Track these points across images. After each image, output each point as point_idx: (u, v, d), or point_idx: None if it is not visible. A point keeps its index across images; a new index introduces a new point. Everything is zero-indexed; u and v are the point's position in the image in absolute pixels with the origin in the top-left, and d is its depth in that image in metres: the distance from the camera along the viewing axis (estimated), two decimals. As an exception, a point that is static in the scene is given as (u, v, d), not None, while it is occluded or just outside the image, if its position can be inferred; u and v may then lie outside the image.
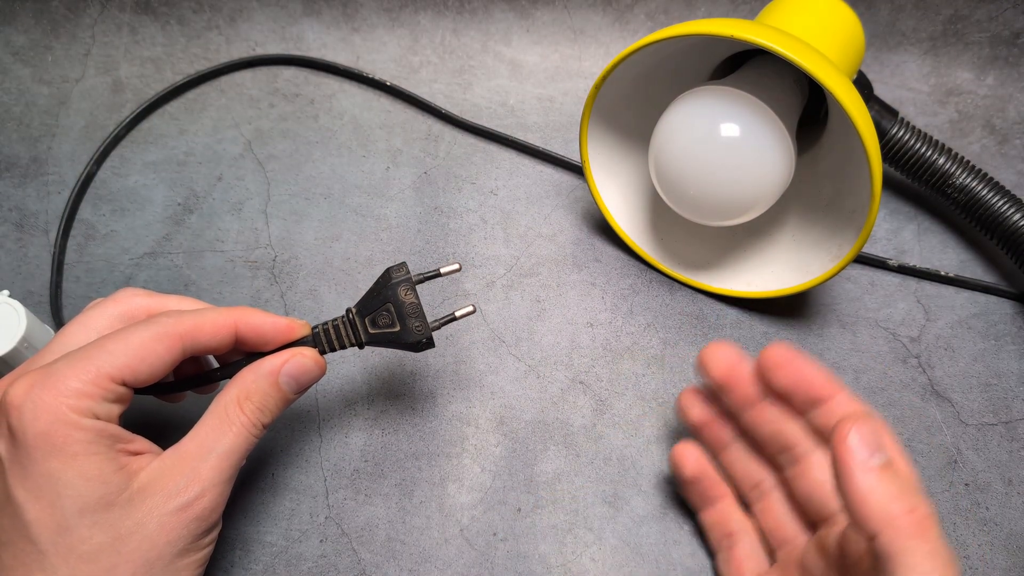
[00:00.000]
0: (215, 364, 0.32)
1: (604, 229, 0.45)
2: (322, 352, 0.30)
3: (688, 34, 0.33)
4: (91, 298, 0.31)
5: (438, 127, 0.49)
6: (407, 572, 0.33)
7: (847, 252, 0.36)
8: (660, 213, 0.44)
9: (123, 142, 0.47)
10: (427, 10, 0.52)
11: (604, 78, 0.37)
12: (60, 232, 0.42)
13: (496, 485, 0.36)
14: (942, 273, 0.43)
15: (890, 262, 0.44)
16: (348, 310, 0.31)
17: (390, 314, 0.30)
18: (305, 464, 0.36)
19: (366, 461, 0.36)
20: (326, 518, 0.34)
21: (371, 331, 0.31)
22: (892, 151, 0.43)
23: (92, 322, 0.28)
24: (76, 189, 0.44)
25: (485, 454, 0.36)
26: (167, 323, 0.27)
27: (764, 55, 0.40)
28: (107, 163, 0.46)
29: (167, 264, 0.42)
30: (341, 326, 0.31)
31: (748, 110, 0.34)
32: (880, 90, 0.50)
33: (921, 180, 0.43)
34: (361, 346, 0.31)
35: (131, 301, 0.29)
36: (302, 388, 0.29)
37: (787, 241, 0.41)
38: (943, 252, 0.45)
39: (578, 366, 0.39)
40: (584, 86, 0.51)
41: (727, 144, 0.34)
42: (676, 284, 0.43)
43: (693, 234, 0.43)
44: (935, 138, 0.42)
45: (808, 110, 0.42)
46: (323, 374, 0.30)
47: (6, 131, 0.47)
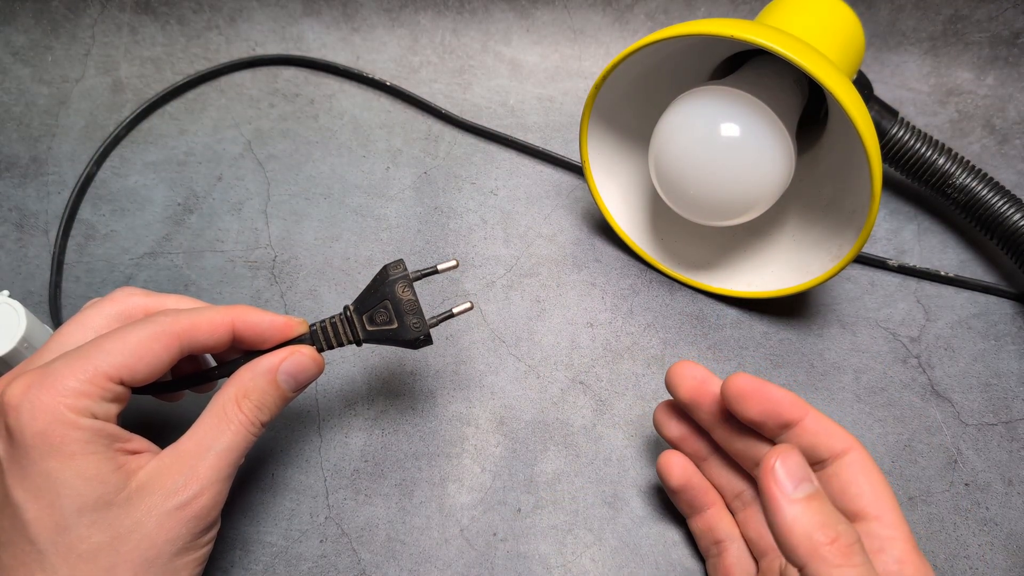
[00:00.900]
0: (213, 363, 0.32)
1: (604, 229, 0.44)
2: (320, 350, 0.30)
3: (688, 34, 0.33)
4: (90, 298, 0.31)
5: (438, 127, 0.49)
6: (407, 572, 0.33)
7: (847, 252, 0.36)
8: (660, 213, 0.43)
9: (123, 142, 0.47)
10: (427, 10, 0.52)
11: (604, 78, 0.37)
12: (60, 232, 0.42)
13: (496, 485, 0.35)
14: (942, 273, 0.43)
15: (890, 262, 0.44)
16: (346, 307, 0.31)
17: (388, 311, 0.30)
18: (305, 464, 0.36)
19: (366, 461, 0.36)
20: (326, 518, 0.34)
21: (369, 328, 0.31)
22: (892, 151, 0.43)
23: (89, 321, 0.28)
24: (76, 189, 0.44)
25: (485, 454, 0.36)
26: (164, 322, 0.27)
27: (764, 55, 0.39)
28: (107, 163, 0.46)
29: (167, 264, 0.42)
30: (339, 323, 0.31)
31: (748, 110, 0.34)
32: (880, 90, 0.50)
33: (921, 180, 0.43)
34: (359, 343, 0.31)
35: (128, 300, 0.29)
36: (300, 386, 0.29)
37: (787, 241, 0.41)
38: (943, 252, 0.45)
39: (578, 366, 0.39)
40: (584, 86, 0.51)
41: (727, 144, 0.34)
42: (676, 284, 0.43)
43: (693, 234, 0.43)
44: (935, 138, 0.42)
45: (808, 110, 0.42)
46: (321, 372, 0.30)
47: (6, 131, 0.47)
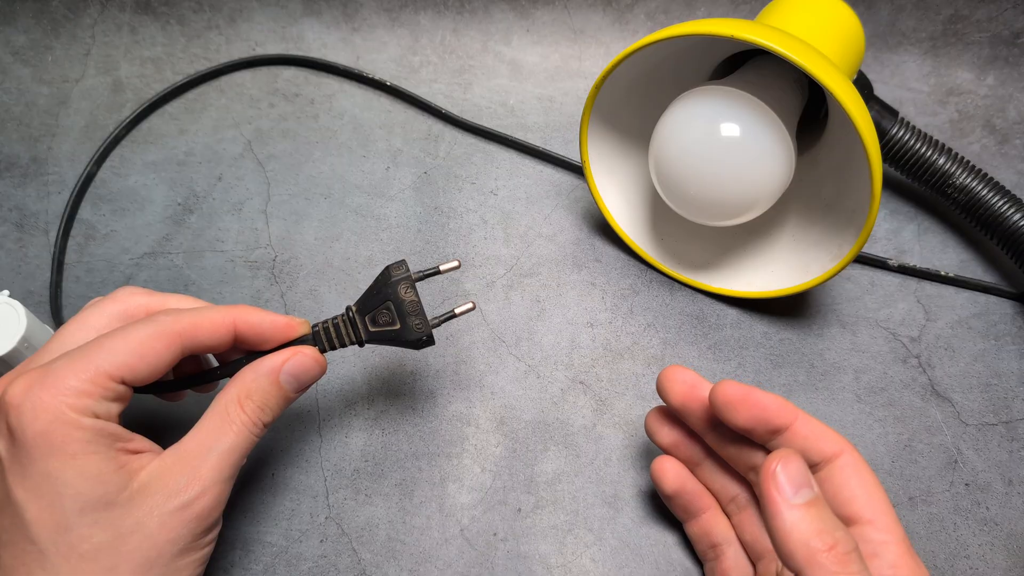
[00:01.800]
0: (215, 363, 0.32)
1: (604, 229, 0.44)
2: (322, 350, 0.30)
3: (688, 34, 0.33)
4: (91, 298, 0.31)
5: (438, 127, 0.49)
6: (407, 572, 0.33)
7: (847, 252, 0.36)
8: (660, 213, 0.44)
9: (123, 142, 0.47)
10: (427, 10, 0.52)
11: (604, 78, 0.37)
12: (60, 232, 0.42)
13: (496, 485, 0.35)
14: (942, 273, 0.43)
15: (890, 262, 0.44)
16: (348, 308, 0.31)
17: (390, 312, 0.30)
18: (305, 464, 0.36)
19: (366, 461, 0.36)
20: (326, 518, 0.34)
21: (371, 329, 0.31)
22: (892, 151, 0.43)
23: (91, 321, 0.28)
24: (76, 189, 0.44)
25: (485, 454, 0.36)
26: (166, 321, 0.27)
27: (764, 55, 0.40)
28: (107, 163, 0.46)
29: (167, 264, 0.42)
30: (341, 324, 0.31)
31: (748, 110, 0.34)
32: (880, 90, 0.50)
33: (921, 180, 0.43)
34: (361, 344, 0.31)
35: (130, 300, 0.29)
36: (303, 387, 0.29)
37: (787, 241, 0.41)
38: (943, 252, 0.45)
39: (578, 366, 0.39)
40: (584, 86, 0.51)
41: (727, 144, 0.34)
42: (676, 284, 0.43)
43: (693, 234, 0.43)
44: (935, 138, 0.42)
45: (808, 110, 0.42)
46: (323, 373, 0.30)
47: (6, 131, 0.47)
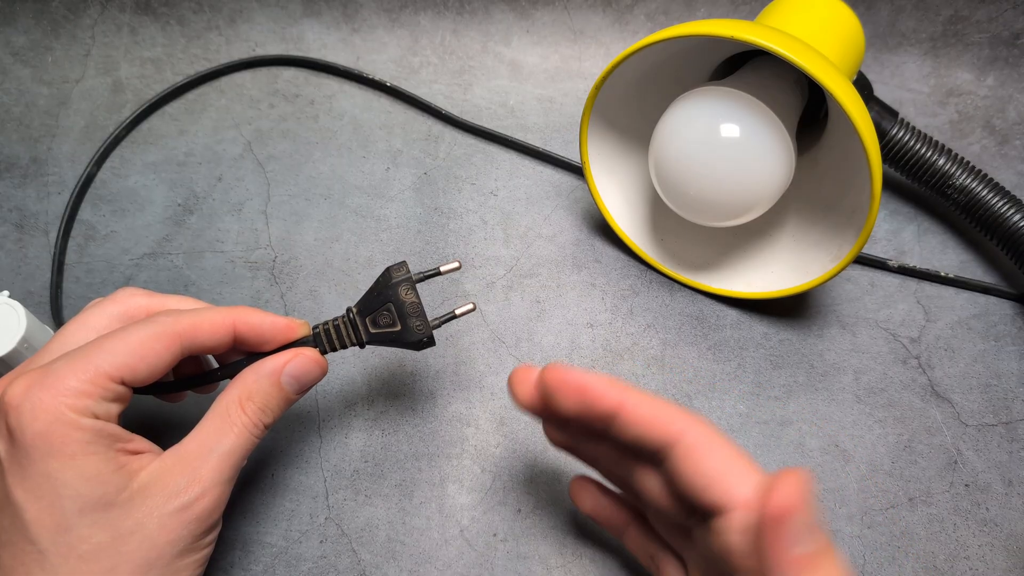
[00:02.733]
0: (215, 364, 0.32)
1: (604, 230, 0.44)
2: (323, 352, 0.30)
3: (688, 35, 0.33)
4: (91, 298, 0.31)
5: (438, 128, 0.49)
6: (407, 573, 0.33)
7: (847, 253, 0.36)
8: (660, 213, 0.44)
9: (123, 143, 0.47)
10: (427, 11, 0.52)
11: (604, 79, 0.37)
12: (60, 233, 0.42)
13: (496, 486, 0.35)
14: (942, 274, 0.43)
15: (890, 263, 0.44)
16: (348, 309, 0.31)
17: (391, 314, 0.30)
18: (305, 465, 0.36)
19: (366, 462, 0.36)
20: (326, 519, 0.34)
21: (372, 331, 0.31)
22: (892, 152, 0.43)
23: (91, 321, 0.28)
24: (76, 190, 0.44)
25: (485, 455, 0.36)
26: (165, 322, 0.26)
27: (764, 56, 0.40)
28: (107, 164, 0.46)
29: (167, 265, 0.42)
30: (342, 326, 0.31)
31: (748, 110, 0.34)
32: (880, 91, 0.50)
33: (921, 181, 0.43)
34: (362, 346, 0.31)
35: (130, 301, 0.29)
36: (304, 388, 0.29)
37: (787, 241, 0.41)
38: (943, 253, 0.45)
39: (578, 367, 0.39)
40: (584, 87, 0.51)
41: (727, 144, 0.34)
42: (676, 285, 0.43)
43: (693, 235, 0.43)
44: (935, 139, 0.42)
45: (808, 110, 0.42)
46: (324, 374, 0.30)
47: (6, 131, 0.47)
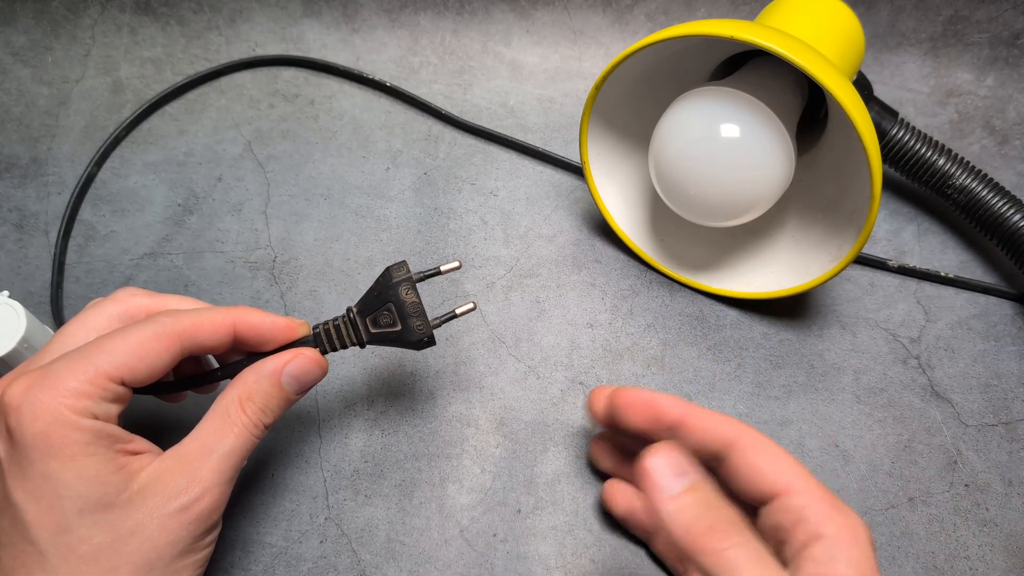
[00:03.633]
0: (215, 364, 0.32)
1: (604, 230, 0.44)
2: (323, 352, 0.30)
3: (688, 35, 0.33)
4: (91, 298, 0.31)
5: (438, 128, 0.49)
6: (407, 573, 0.33)
7: (847, 253, 0.36)
8: (660, 214, 0.44)
9: (123, 143, 0.47)
10: (427, 11, 0.52)
11: (604, 79, 0.37)
12: (60, 233, 0.42)
13: (496, 486, 0.35)
14: (942, 274, 0.43)
15: (890, 263, 0.44)
16: (349, 309, 0.31)
17: (391, 313, 0.30)
18: (305, 465, 0.36)
19: (366, 462, 0.36)
20: (326, 519, 0.34)
21: (372, 331, 0.31)
22: (892, 152, 0.43)
23: (91, 322, 0.28)
24: (76, 190, 0.44)
25: (485, 455, 0.36)
26: (165, 322, 0.26)
27: (764, 56, 0.40)
28: (107, 164, 0.46)
29: (167, 265, 0.42)
30: (342, 326, 0.30)
31: (748, 110, 0.34)
32: (880, 91, 0.50)
33: (921, 181, 0.43)
34: (362, 346, 0.31)
35: (130, 301, 0.29)
36: (304, 388, 0.29)
37: (787, 242, 0.41)
38: (943, 253, 0.45)
39: (578, 367, 0.39)
40: (584, 87, 0.51)
41: (727, 144, 0.34)
42: (676, 285, 0.43)
43: (693, 235, 0.43)
44: (935, 139, 0.42)
45: (808, 110, 0.42)
46: (325, 375, 0.30)
47: (6, 131, 0.47)
